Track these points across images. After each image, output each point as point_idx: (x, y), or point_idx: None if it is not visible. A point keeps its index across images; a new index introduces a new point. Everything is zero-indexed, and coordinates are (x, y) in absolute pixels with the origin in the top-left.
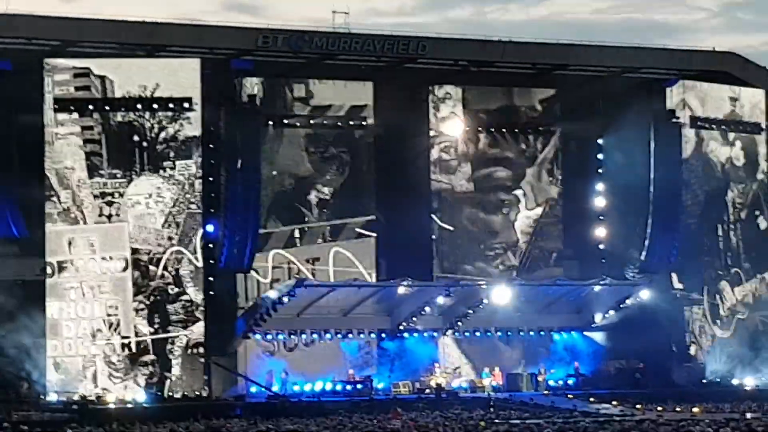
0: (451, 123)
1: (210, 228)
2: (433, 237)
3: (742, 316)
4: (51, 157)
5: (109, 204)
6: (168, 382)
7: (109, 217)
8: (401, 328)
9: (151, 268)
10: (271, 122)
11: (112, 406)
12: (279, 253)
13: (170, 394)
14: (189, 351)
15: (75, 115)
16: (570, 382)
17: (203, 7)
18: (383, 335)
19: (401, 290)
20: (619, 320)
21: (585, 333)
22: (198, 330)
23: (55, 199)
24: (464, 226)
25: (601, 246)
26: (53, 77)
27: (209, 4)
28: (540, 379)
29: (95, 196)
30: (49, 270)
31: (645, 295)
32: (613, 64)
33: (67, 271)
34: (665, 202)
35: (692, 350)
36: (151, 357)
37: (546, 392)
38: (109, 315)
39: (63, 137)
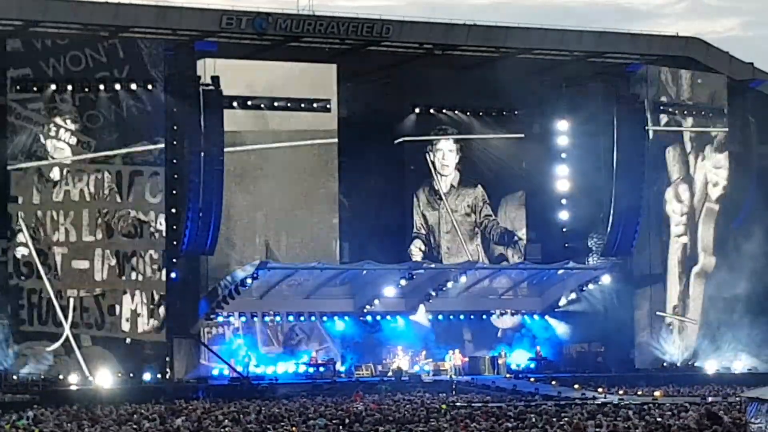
0: None
1: (173, 210)
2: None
3: (700, 301)
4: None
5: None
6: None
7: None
8: (364, 310)
9: None
10: (234, 104)
11: (73, 387)
12: None
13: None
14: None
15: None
16: (532, 365)
17: None
18: (345, 317)
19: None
20: (581, 304)
21: (547, 317)
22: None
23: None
24: None
25: (564, 230)
26: None
27: None
28: (500, 362)
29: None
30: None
31: (607, 279)
32: (577, 48)
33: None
34: (628, 187)
35: (646, 335)
36: None
37: (508, 375)
38: None
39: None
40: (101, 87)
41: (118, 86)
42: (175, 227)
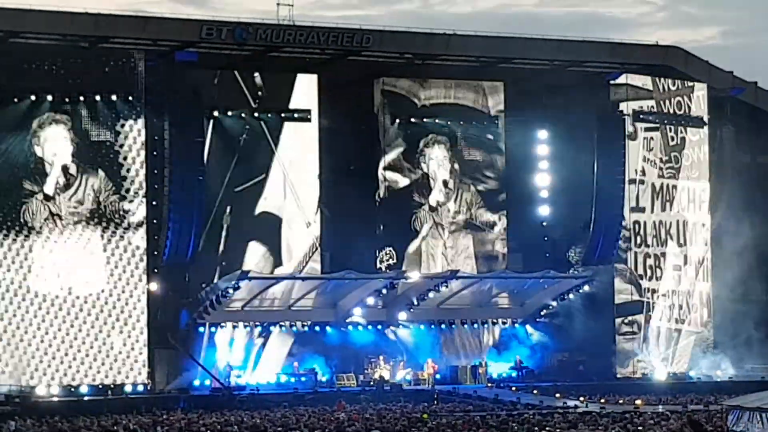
0: None
1: (154, 221)
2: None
3: (684, 311)
4: None
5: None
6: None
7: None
8: (346, 320)
9: None
10: (216, 113)
11: (55, 399)
12: None
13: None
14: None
15: None
16: (513, 374)
17: None
18: (327, 327)
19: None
20: (562, 313)
21: (528, 326)
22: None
23: None
24: None
25: (545, 239)
26: None
27: None
28: (481, 371)
29: None
30: None
31: (587, 288)
32: (557, 57)
33: None
34: (609, 196)
35: (627, 344)
36: None
37: (489, 385)
38: None
39: None
40: (81, 98)
41: (98, 97)
42: (156, 237)
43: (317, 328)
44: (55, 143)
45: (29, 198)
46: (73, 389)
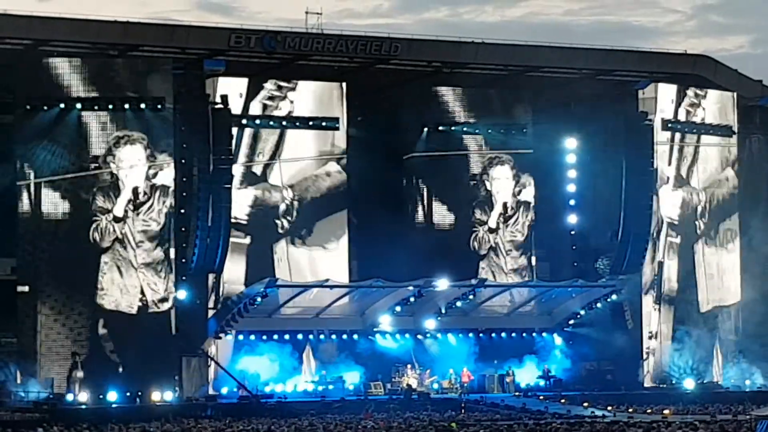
0: None
1: (182, 229)
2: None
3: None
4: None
5: None
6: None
7: None
8: (373, 328)
9: None
10: (243, 122)
11: (83, 406)
12: None
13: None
14: None
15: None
16: (541, 383)
17: (176, 6)
18: (355, 336)
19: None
20: (590, 322)
21: (555, 335)
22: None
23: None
24: None
25: (574, 248)
26: None
27: (182, 4)
28: (508, 380)
29: None
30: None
31: (615, 297)
32: (585, 66)
33: None
34: (637, 205)
35: (652, 352)
36: None
37: (516, 394)
38: None
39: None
40: (110, 106)
41: (126, 105)
42: (184, 245)
43: (345, 336)
44: None
45: None
46: (101, 397)
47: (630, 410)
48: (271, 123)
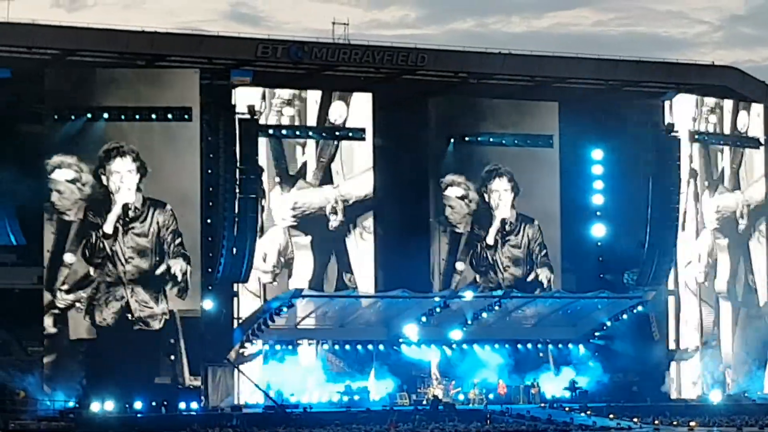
0: None
1: (209, 239)
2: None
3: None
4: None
5: None
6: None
7: None
8: (399, 339)
9: None
10: (270, 132)
11: (109, 416)
12: None
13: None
14: None
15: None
16: (566, 394)
17: (204, 17)
18: (380, 345)
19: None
20: (616, 333)
21: (581, 346)
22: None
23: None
24: None
25: (600, 259)
26: None
27: (210, 14)
28: (534, 391)
29: None
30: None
31: (641, 309)
32: (613, 77)
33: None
34: (663, 216)
35: (681, 364)
36: None
37: (542, 405)
38: None
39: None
40: (137, 116)
41: (153, 115)
42: (210, 255)
43: (370, 346)
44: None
45: None
46: (127, 406)
47: (656, 422)
48: (298, 133)
